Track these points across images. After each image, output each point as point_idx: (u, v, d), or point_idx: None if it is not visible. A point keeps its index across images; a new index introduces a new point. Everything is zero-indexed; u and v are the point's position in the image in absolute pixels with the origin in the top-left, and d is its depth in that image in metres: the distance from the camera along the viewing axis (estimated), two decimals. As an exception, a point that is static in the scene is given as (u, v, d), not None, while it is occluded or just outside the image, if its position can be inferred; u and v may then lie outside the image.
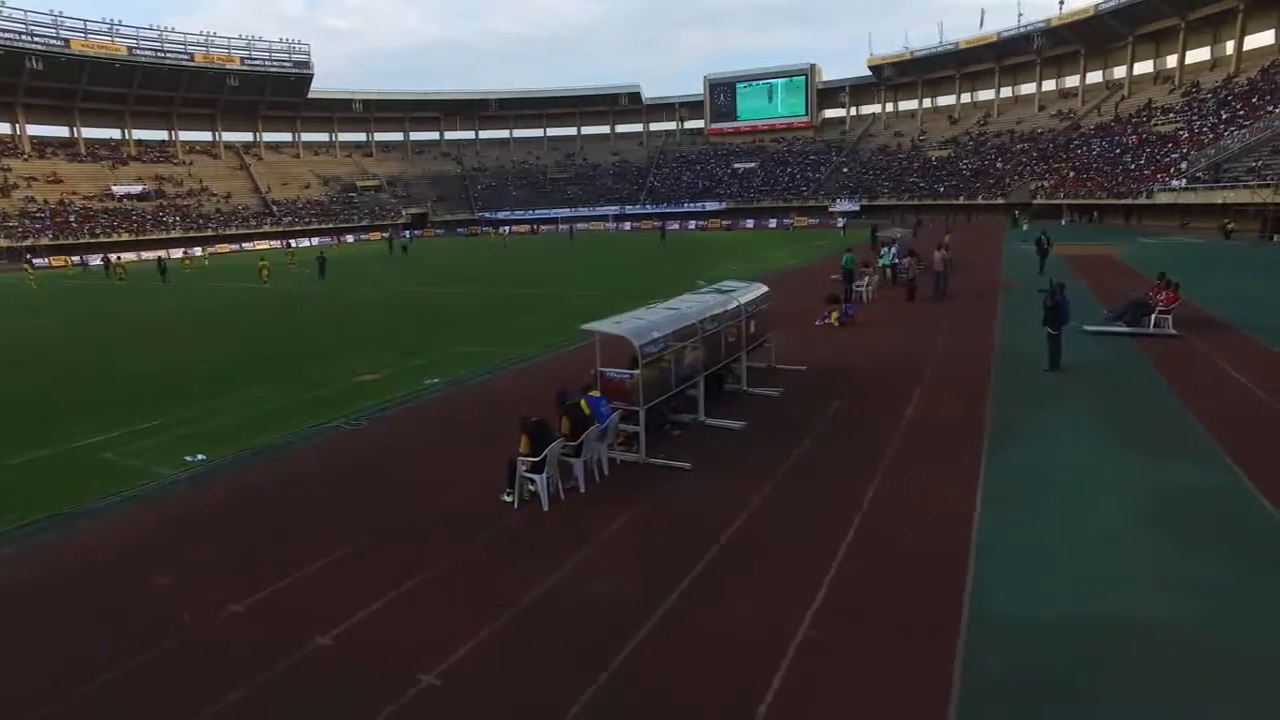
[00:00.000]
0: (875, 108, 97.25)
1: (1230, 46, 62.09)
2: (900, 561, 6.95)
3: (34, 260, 55.13)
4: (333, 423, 12.26)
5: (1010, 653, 5.51)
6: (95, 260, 57.20)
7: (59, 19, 67.82)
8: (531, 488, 8.43)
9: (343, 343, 19.82)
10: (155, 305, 31.10)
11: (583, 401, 9.23)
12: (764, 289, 13.83)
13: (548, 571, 6.99)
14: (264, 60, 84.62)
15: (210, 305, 30.27)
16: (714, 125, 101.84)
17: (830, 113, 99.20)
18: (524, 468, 8.32)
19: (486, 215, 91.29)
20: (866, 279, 23.22)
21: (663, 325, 10.09)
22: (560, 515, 8.25)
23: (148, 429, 12.21)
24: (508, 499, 8.52)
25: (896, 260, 25.27)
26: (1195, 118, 58.15)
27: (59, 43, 68.30)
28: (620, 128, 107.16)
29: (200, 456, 10.62)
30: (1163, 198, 50.44)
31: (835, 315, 18.74)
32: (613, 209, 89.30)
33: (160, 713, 5.30)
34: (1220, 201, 44.03)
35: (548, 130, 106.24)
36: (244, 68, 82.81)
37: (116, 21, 71.92)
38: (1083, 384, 12.77)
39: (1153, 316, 16.72)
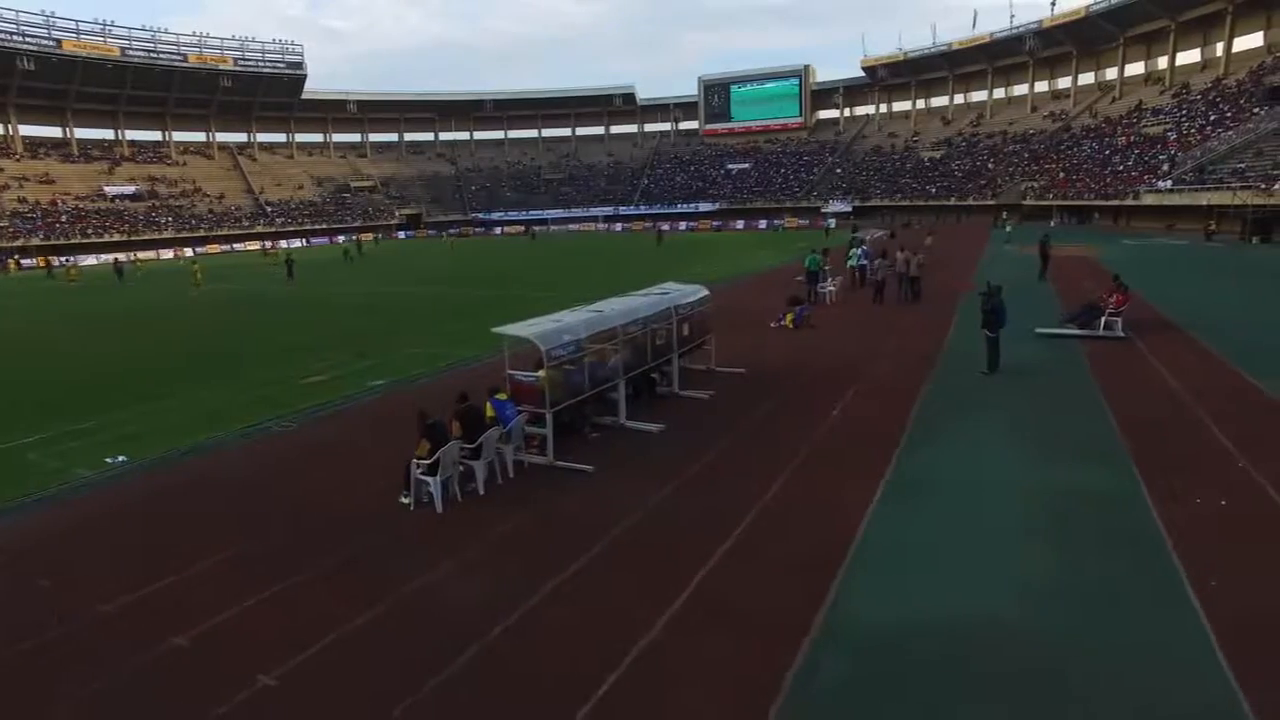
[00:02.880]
0: (869, 109, 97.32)
1: (1220, 48, 62.01)
2: (775, 564, 6.97)
3: (21, 260, 55.41)
4: (264, 424, 12.33)
5: (852, 657, 5.53)
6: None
7: (51, 19, 68.14)
8: (429, 489, 8.48)
9: (297, 343, 19.87)
10: (113, 306, 31.30)
11: (488, 404, 9.29)
12: (703, 292, 13.85)
13: (421, 573, 7.04)
14: (257, 61, 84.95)
15: (171, 306, 30.39)
16: (708, 126, 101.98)
17: (824, 114, 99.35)
18: (419, 470, 8.37)
19: (480, 216, 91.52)
20: (830, 280, 23.23)
21: (578, 328, 10.13)
22: (453, 517, 8.30)
23: (81, 430, 12.27)
24: (405, 501, 8.57)
25: (864, 261, 25.24)
26: (1184, 119, 58.10)
27: (51, 43, 68.58)
28: (615, 128, 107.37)
29: (121, 458, 10.68)
30: (1149, 199, 50.42)
31: (790, 317, 18.75)
32: (607, 210, 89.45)
33: (6, 710, 5.35)
34: (1205, 203, 43.99)
35: (542, 131, 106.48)
36: (237, 68, 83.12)
37: (109, 22, 72.44)
38: (1015, 387, 12.80)
39: (1103, 319, 16.72)
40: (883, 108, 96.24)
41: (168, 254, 67.12)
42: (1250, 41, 60.25)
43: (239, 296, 32.77)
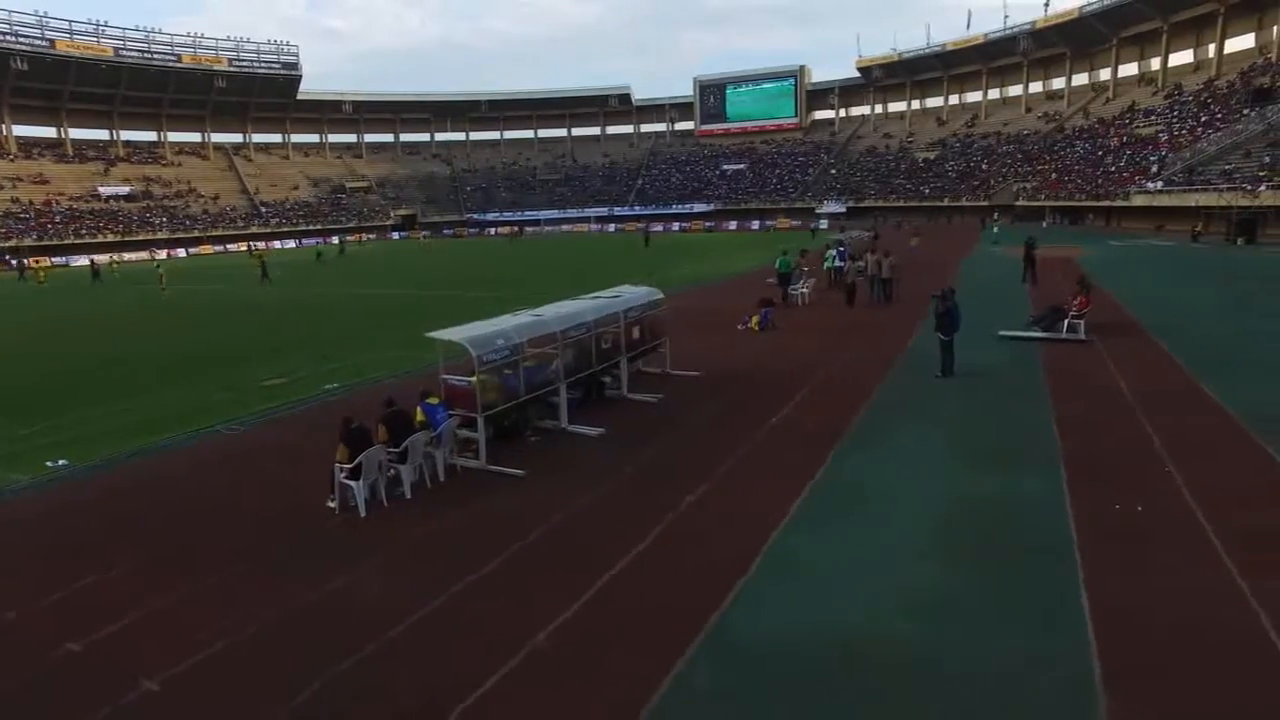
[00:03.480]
0: (865, 109, 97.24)
1: (1212, 49, 61.93)
2: (680, 569, 6.98)
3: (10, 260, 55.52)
4: (214, 427, 12.37)
5: (727, 669, 5.51)
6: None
7: (44, 19, 68.27)
8: (354, 493, 8.50)
9: (264, 346, 19.95)
10: (79, 308, 31.41)
11: (418, 408, 9.32)
12: (656, 295, 13.88)
13: (333, 575, 7.08)
14: (252, 61, 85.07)
15: (140, 309, 30.34)
16: (704, 127, 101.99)
17: (820, 114, 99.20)
18: (342, 474, 8.40)
19: (475, 216, 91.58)
20: (802, 281, 23.25)
21: (512, 333, 10.15)
22: (375, 521, 8.33)
23: (27, 434, 12.30)
24: (331, 505, 8.60)
25: (840, 263, 25.23)
26: (1175, 120, 58.03)
27: (44, 43, 68.73)
28: (611, 129, 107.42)
29: (62, 461, 10.72)
30: (1139, 200, 50.39)
31: (755, 320, 18.76)
32: (602, 210, 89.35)
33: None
34: (1193, 204, 43.95)
35: (538, 132, 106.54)
36: (232, 69, 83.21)
37: (102, 22, 72.55)
38: (965, 390, 12.80)
39: (1065, 321, 16.71)
40: (878, 108, 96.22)
41: (160, 254, 67.06)
42: (1242, 43, 60.24)
43: (212, 298, 32.81)
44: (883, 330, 18.53)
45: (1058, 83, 79.37)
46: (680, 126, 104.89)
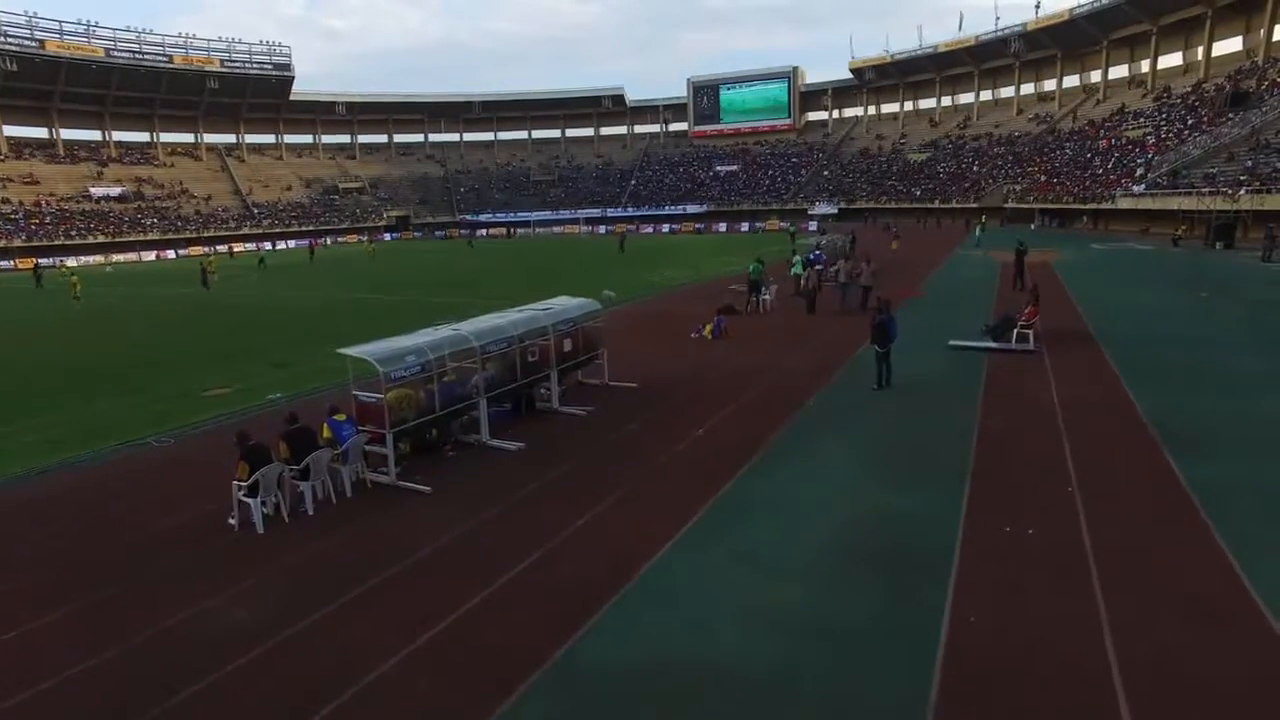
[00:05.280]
0: (858, 110, 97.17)
1: (1200, 52, 61.81)
2: (542, 597, 6.89)
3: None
4: (145, 439, 12.39)
5: (564, 700, 5.48)
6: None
7: (33, 19, 68.36)
8: (265, 509, 8.54)
9: (214, 353, 19.90)
10: (26, 314, 31.38)
11: (325, 424, 9.34)
12: (591, 306, 13.88)
13: (206, 596, 7.08)
14: (244, 62, 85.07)
15: (87, 315, 30.15)
16: (697, 128, 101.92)
17: (814, 115, 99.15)
18: (240, 492, 8.42)
19: (468, 218, 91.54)
20: (766, 289, 23.23)
21: (426, 349, 10.15)
22: (271, 539, 8.34)
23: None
24: (232, 521, 8.62)
25: (804, 270, 25.15)
26: (1163, 122, 57.92)
27: (33, 44, 68.77)
28: (605, 130, 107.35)
29: (-26, 476, 10.74)
30: (1124, 203, 50.30)
31: (709, 328, 18.77)
32: (595, 212, 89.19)
33: None
34: (1175, 208, 43.87)
35: (532, 133, 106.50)
36: (223, 70, 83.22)
37: (93, 23, 72.57)
38: (896, 404, 12.77)
39: (1015, 331, 16.69)
40: (872, 109, 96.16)
41: (149, 256, 67.26)
42: (1230, 45, 60.12)
43: (152, 304, 32.65)
44: (835, 339, 18.49)
45: (1049, 84, 79.30)
46: (674, 127, 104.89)
